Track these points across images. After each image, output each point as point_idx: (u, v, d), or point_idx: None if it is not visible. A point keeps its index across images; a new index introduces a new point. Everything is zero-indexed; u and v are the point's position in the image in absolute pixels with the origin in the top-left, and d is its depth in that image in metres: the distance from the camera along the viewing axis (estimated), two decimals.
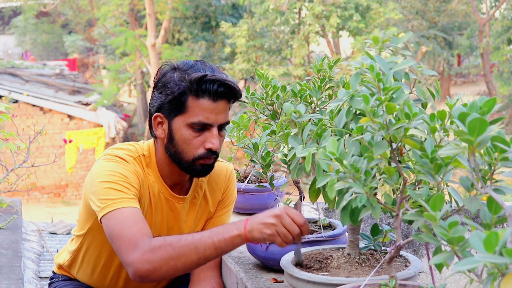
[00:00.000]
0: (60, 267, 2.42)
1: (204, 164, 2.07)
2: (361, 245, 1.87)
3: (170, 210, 2.19)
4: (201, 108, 2.01)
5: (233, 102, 2.10)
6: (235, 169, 2.87)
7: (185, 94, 2.01)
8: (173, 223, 2.21)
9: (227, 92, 2.03)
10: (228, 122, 2.09)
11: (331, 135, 1.73)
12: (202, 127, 2.03)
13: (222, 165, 2.31)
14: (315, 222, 2.36)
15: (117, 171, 2.03)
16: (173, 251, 1.82)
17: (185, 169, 2.09)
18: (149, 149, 2.16)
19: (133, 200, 1.99)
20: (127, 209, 1.95)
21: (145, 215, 2.12)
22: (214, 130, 2.04)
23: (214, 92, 2.01)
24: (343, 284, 1.62)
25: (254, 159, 2.10)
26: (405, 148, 1.55)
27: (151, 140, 2.18)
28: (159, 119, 2.08)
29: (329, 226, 2.30)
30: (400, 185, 1.48)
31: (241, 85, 19.59)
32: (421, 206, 1.39)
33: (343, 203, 1.55)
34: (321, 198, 1.82)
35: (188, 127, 2.03)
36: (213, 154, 2.05)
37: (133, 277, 1.86)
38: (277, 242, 1.81)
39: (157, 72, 2.12)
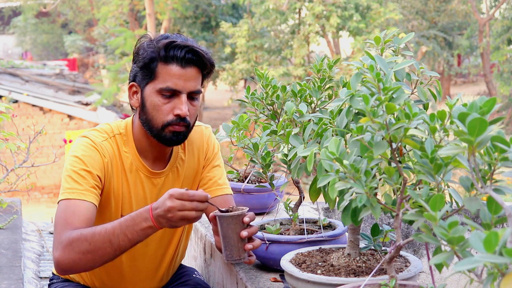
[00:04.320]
0: None
1: (174, 132, 2.08)
2: (361, 245, 1.87)
3: (152, 186, 2.21)
4: (169, 74, 2.05)
5: (207, 74, 2.13)
6: (235, 169, 2.87)
7: (155, 61, 2.06)
8: (157, 199, 2.22)
9: (196, 60, 2.07)
10: (199, 91, 2.11)
11: (332, 135, 1.73)
12: (171, 94, 2.07)
13: (197, 129, 2.32)
14: (315, 222, 2.36)
15: (79, 158, 2.08)
16: (89, 245, 1.89)
17: (156, 137, 2.12)
18: (126, 127, 2.19)
19: (85, 192, 2.03)
20: (74, 201, 2.01)
21: (121, 196, 2.16)
22: (183, 97, 2.06)
23: (181, 58, 2.05)
24: (343, 284, 1.62)
25: (254, 159, 2.10)
26: (405, 148, 1.55)
27: (130, 118, 2.21)
28: (134, 88, 2.14)
29: (329, 226, 2.30)
30: (400, 185, 1.48)
31: (241, 85, 19.59)
32: (421, 206, 1.39)
33: (344, 203, 1.55)
34: (321, 198, 1.82)
35: (158, 94, 2.07)
36: (182, 121, 2.07)
37: (56, 270, 1.97)
38: (191, 218, 1.85)
39: (135, 45, 2.16)
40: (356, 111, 1.65)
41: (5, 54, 29.53)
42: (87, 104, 16.11)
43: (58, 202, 2.04)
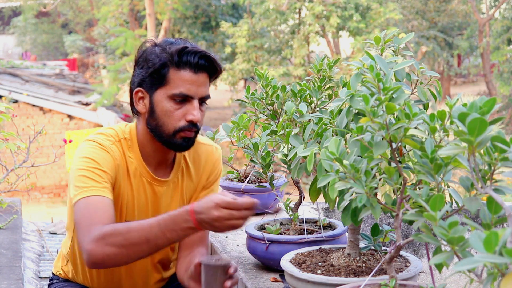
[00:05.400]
0: (58, 270, 2.42)
1: (185, 137, 2.08)
2: (361, 245, 1.87)
3: (153, 193, 2.20)
4: (182, 80, 2.04)
5: (214, 79, 2.12)
6: (235, 169, 2.87)
7: (166, 66, 2.04)
8: (157, 206, 2.21)
9: (208, 65, 2.06)
10: (208, 97, 2.11)
11: (332, 135, 1.73)
12: (183, 99, 2.05)
13: (208, 148, 2.30)
14: (315, 222, 2.36)
15: (91, 158, 2.05)
16: (123, 240, 1.86)
17: (166, 143, 2.10)
18: (130, 132, 2.18)
19: (103, 189, 2.01)
20: (94, 197, 1.98)
21: (126, 200, 2.15)
22: (195, 102, 2.06)
23: (195, 64, 2.04)
24: (343, 284, 1.62)
25: (254, 159, 2.10)
26: (405, 148, 1.55)
27: (133, 123, 2.19)
28: (140, 94, 2.11)
29: (329, 226, 2.30)
30: (400, 185, 1.48)
31: (241, 85, 19.59)
32: (421, 206, 1.39)
33: (344, 203, 1.55)
34: (321, 198, 1.82)
35: (169, 99, 2.05)
36: (194, 127, 2.07)
37: (87, 264, 1.90)
38: (238, 226, 1.80)
39: (138, 50, 2.14)
40: (356, 111, 1.66)
41: (5, 54, 29.53)
42: (87, 104, 16.11)
43: (75, 203, 1.99)
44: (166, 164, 2.21)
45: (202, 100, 2.09)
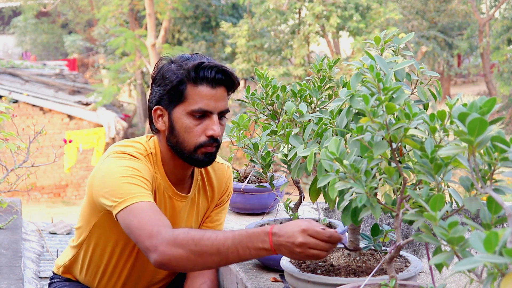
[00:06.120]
0: (60, 267, 2.42)
1: (206, 153, 2.07)
2: (361, 245, 1.87)
3: (172, 208, 2.21)
4: (200, 95, 2.03)
5: (231, 92, 2.11)
6: (235, 169, 2.87)
7: (183, 83, 2.03)
8: (174, 221, 2.21)
9: (225, 79, 2.05)
10: (227, 111, 2.10)
11: (332, 135, 1.73)
12: (202, 115, 2.04)
13: (220, 166, 2.32)
14: None
15: (131, 167, 2.03)
16: (194, 247, 1.81)
17: (187, 159, 2.09)
18: (155, 146, 2.17)
19: (150, 195, 1.99)
20: (145, 203, 1.94)
21: None
22: (215, 117, 2.05)
23: (212, 78, 2.03)
24: (343, 284, 1.62)
25: (254, 159, 2.10)
26: (405, 148, 1.55)
27: (155, 137, 2.18)
28: (159, 112, 2.10)
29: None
30: (400, 185, 1.48)
31: (241, 85, 19.58)
32: (421, 206, 1.39)
33: (344, 203, 1.55)
34: (321, 198, 1.82)
35: (189, 116, 2.04)
36: (214, 142, 2.06)
37: (154, 262, 1.84)
38: (320, 258, 1.75)
39: (154, 67, 2.13)
40: (356, 111, 1.66)
41: (5, 54, 29.52)
42: (87, 104, 16.12)
43: (124, 208, 1.94)
44: (184, 180, 2.22)
45: (221, 114, 2.08)
